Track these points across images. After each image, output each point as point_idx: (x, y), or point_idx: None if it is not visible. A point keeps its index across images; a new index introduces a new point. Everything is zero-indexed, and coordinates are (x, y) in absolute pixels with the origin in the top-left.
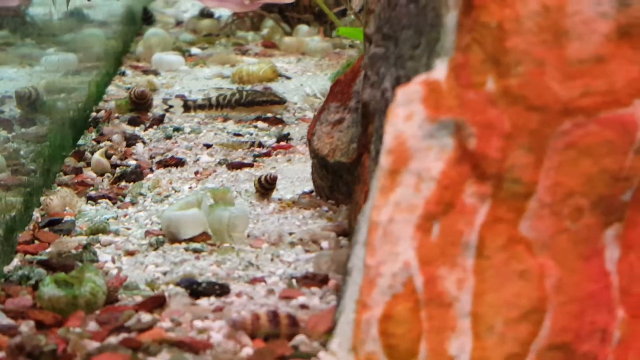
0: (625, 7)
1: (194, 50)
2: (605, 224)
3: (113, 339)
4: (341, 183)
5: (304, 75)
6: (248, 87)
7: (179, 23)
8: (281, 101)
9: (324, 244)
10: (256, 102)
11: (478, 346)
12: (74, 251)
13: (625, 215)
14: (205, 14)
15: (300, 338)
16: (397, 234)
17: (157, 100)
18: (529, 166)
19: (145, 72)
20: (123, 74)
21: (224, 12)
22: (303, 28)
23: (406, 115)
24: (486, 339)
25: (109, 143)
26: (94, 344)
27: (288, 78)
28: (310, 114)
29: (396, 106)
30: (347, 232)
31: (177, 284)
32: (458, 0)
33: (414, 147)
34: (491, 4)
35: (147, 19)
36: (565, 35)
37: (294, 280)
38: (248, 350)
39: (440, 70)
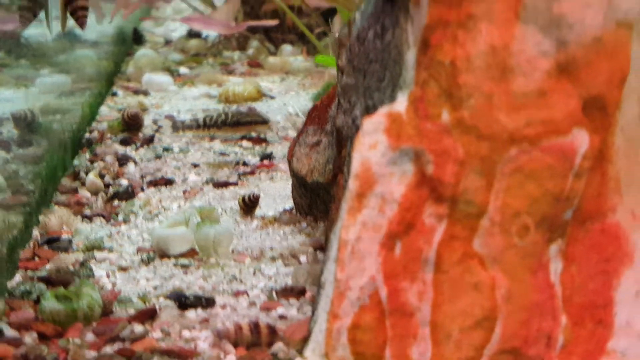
0: (564, 46)
1: (183, 69)
2: (549, 240)
3: (109, 349)
4: (319, 201)
5: (287, 95)
6: (234, 106)
7: (167, 42)
8: (265, 121)
9: (303, 258)
10: (241, 122)
11: (437, 352)
12: (71, 267)
13: (567, 232)
14: (193, 33)
15: (278, 346)
16: (364, 251)
17: (147, 120)
18: (480, 189)
19: (136, 92)
20: (114, 94)
21: (211, 32)
22: (287, 48)
23: (371, 144)
24: (444, 345)
25: (102, 163)
26: (91, 354)
27: (272, 97)
28: (292, 133)
29: (362, 135)
30: (323, 247)
31: (167, 297)
32: (416, 39)
33: (378, 172)
34: (445, 44)
35: (137, 39)
36: (511, 72)
37: (274, 293)
38: (231, 358)
39: (401, 103)
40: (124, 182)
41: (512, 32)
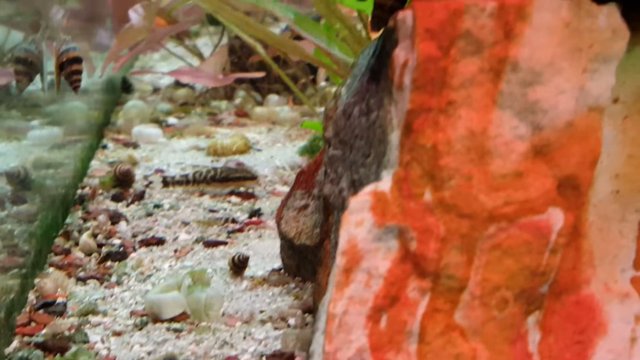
0: (538, 130)
1: (171, 120)
2: (527, 312)
3: None
4: (307, 263)
5: (274, 146)
6: (223, 159)
7: (155, 90)
8: (252, 177)
9: (291, 321)
10: (230, 178)
11: None
12: (67, 332)
13: (544, 304)
14: (180, 82)
15: None
16: (351, 324)
17: (138, 174)
18: (461, 265)
19: (126, 144)
20: (105, 147)
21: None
22: (273, 98)
23: (357, 222)
24: None
25: (94, 222)
26: None
27: (259, 150)
28: (280, 187)
29: (349, 214)
30: (312, 310)
31: None
32: (400, 122)
33: (364, 248)
34: (427, 129)
35: (126, 88)
36: (489, 154)
37: (264, 358)
38: None
39: (386, 182)
40: (117, 241)
41: (490, 117)
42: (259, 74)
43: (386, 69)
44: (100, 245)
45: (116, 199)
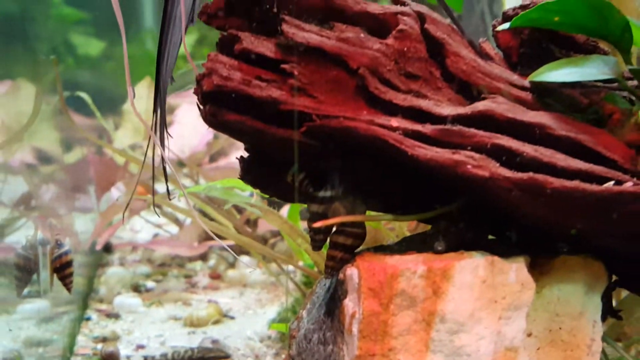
0: None
1: (150, 284)
2: None
3: None
4: None
5: (246, 314)
6: (200, 330)
7: (134, 248)
8: (226, 356)
9: None
10: (205, 358)
11: None
12: None
13: None
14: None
15: None
16: None
17: (121, 348)
18: None
19: (109, 315)
20: (88, 319)
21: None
22: (244, 258)
23: None
24: None
25: None
26: None
27: (232, 318)
28: None
29: None
30: None
31: None
32: None
33: None
34: None
35: (107, 248)
36: None
37: None
38: None
39: None
40: None
41: None
42: (230, 242)
43: (338, 312)
44: None
45: None
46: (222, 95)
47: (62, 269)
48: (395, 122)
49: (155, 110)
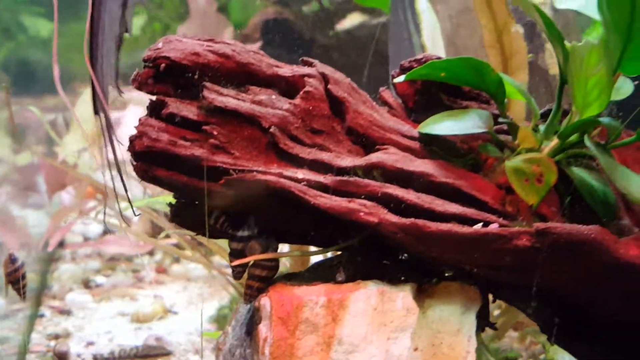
0: None
1: (99, 279)
2: None
3: None
4: None
5: (188, 308)
6: (145, 325)
7: (86, 239)
8: (168, 352)
9: None
10: (150, 355)
11: None
12: None
13: None
14: (109, 232)
15: None
16: None
17: (72, 345)
18: None
19: (61, 312)
20: (42, 315)
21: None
22: (188, 252)
23: None
24: None
25: None
26: None
27: (175, 313)
28: (192, 357)
29: None
30: None
31: None
32: None
33: None
34: None
35: (59, 244)
36: None
37: None
38: None
39: None
40: None
41: None
42: (173, 243)
43: (255, 334)
44: None
45: None
46: (152, 154)
47: (16, 282)
48: (301, 173)
49: (97, 113)
